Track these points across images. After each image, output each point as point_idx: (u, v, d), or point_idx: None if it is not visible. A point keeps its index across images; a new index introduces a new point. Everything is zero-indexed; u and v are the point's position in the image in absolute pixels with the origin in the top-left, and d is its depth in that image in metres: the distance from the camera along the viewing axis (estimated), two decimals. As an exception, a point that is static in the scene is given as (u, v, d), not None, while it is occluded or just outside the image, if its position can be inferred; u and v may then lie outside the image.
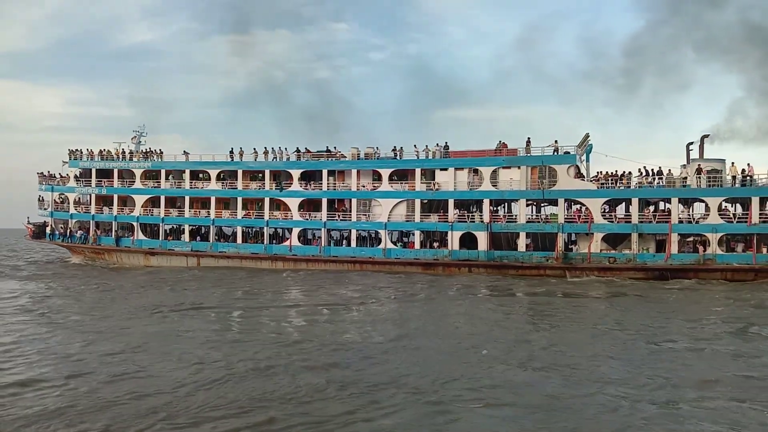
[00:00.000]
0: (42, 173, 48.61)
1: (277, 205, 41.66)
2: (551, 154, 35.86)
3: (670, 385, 11.86)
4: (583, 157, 37.27)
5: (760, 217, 32.27)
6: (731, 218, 33.04)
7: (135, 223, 44.27)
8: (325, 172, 40.41)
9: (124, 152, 45.89)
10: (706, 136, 35.67)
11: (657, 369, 13.09)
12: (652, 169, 34.65)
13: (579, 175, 35.77)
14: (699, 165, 33.79)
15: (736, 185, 33.15)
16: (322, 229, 39.91)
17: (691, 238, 33.57)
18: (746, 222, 32.43)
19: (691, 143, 35.88)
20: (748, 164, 33.31)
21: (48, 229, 47.01)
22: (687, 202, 34.13)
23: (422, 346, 15.43)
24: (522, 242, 35.79)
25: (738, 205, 33.86)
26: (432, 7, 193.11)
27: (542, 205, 37.12)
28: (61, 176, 47.45)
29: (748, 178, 32.97)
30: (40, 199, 48.27)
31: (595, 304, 24.83)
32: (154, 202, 44.33)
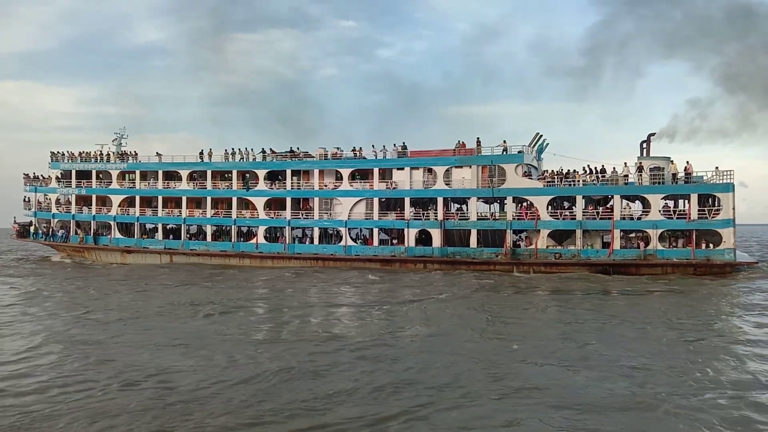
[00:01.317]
0: (27, 174, 50.61)
1: (246, 204, 43.20)
2: (500, 153, 36.96)
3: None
4: (534, 156, 38.27)
5: (698, 214, 33.26)
6: (671, 215, 34.00)
7: (112, 222, 46.10)
8: (289, 172, 41.86)
9: (101, 154, 47.63)
10: (652, 134, 36.56)
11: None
12: (596, 168, 35.67)
13: (527, 174, 36.81)
14: (641, 163, 34.74)
15: (677, 183, 34.06)
16: (287, 227, 41.41)
17: (633, 234, 34.57)
18: (685, 218, 33.40)
19: (644, 141, 36.84)
20: (687, 162, 34.24)
21: (32, 229, 49.04)
22: (629, 200, 35.10)
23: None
24: (473, 239, 37.01)
25: (681, 202, 34.75)
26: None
27: (493, 202, 38.20)
28: (43, 177, 49.38)
29: (687, 175, 33.88)
30: (26, 199, 50.28)
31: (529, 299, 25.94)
32: (130, 201, 46.09)
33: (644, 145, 36.94)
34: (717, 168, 36.41)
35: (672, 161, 34.39)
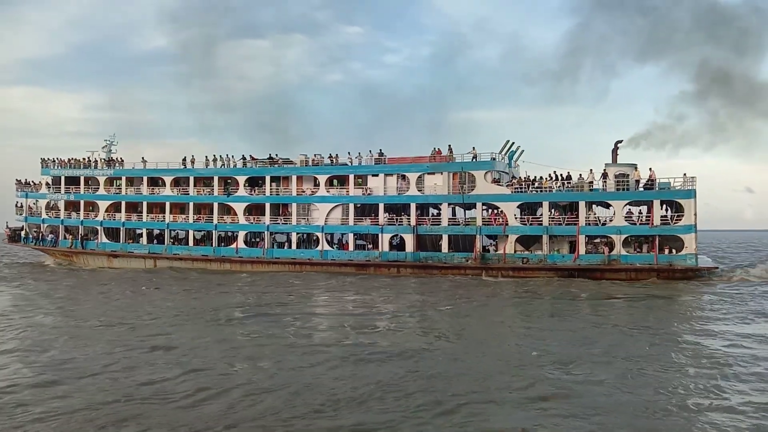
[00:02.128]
0: (19, 180, 51.92)
1: (228, 209, 44.22)
2: (471, 161, 37.79)
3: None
4: (505, 162, 39.05)
5: (661, 219, 33.92)
6: (635, 221, 34.67)
7: (99, 227, 47.27)
8: (268, 179, 42.86)
9: (89, 160, 48.87)
10: (620, 141, 37.29)
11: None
12: (562, 174, 36.38)
13: (496, 180, 37.58)
14: (605, 169, 35.45)
15: (640, 189, 34.73)
16: (265, 232, 42.38)
17: (598, 240, 35.25)
18: (648, 224, 34.07)
19: (617, 147, 37.46)
20: (650, 168, 34.93)
21: (23, 233, 50.31)
22: (602, 206, 35.77)
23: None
24: (445, 244, 37.82)
25: (644, 208, 35.41)
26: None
27: (464, 208, 38.97)
28: (34, 183, 50.67)
29: (650, 181, 34.55)
30: (18, 204, 51.55)
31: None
32: (116, 207, 47.23)
33: (616, 152, 37.67)
34: (685, 174, 37.16)
35: (636, 168, 35.07)
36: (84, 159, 49.32)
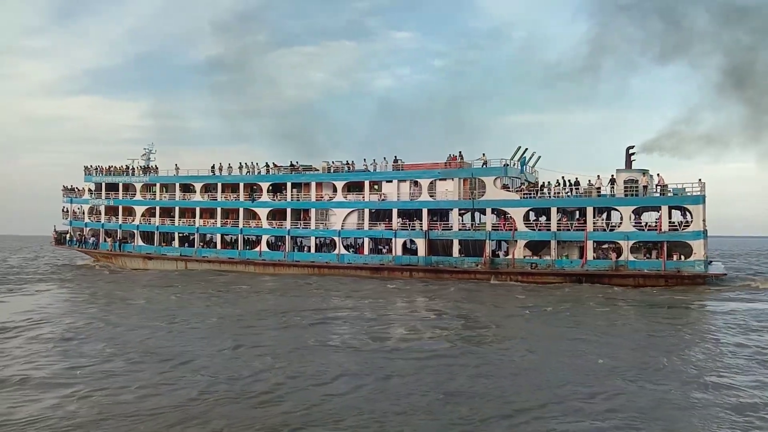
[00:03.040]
0: (65, 186, 55.52)
1: (253, 214, 46.22)
2: (480, 167, 38.43)
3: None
4: (517, 168, 39.44)
5: (669, 225, 33.74)
6: (643, 226, 34.57)
7: (136, 231, 50.15)
8: (289, 185, 44.61)
9: (127, 168, 51.90)
10: (631, 147, 37.10)
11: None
12: (569, 180, 36.58)
13: (506, 186, 38.09)
14: (613, 175, 35.46)
15: (650, 194, 34.57)
16: (287, 236, 44.14)
17: (606, 245, 35.29)
18: (657, 230, 33.93)
19: (631, 149, 37.27)
20: (658, 174, 34.73)
21: (68, 236, 53.83)
22: (602, 211, 35.83)
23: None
24: (455, 248, 38.58)
25: (651, 214, 35.22)
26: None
27: (473, 214, 39.59)
28: (78, 189, 54.13)
29: (658, 187, 34.38)
30: (64, 209, 55.17)
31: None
32: (151, 211, 50.03)
33: (632, 157, 37.53)
34: (700, 180, 36.78)
35: (644, 173, 34.94)
36: (122, 166, 52.40)
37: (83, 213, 53.41)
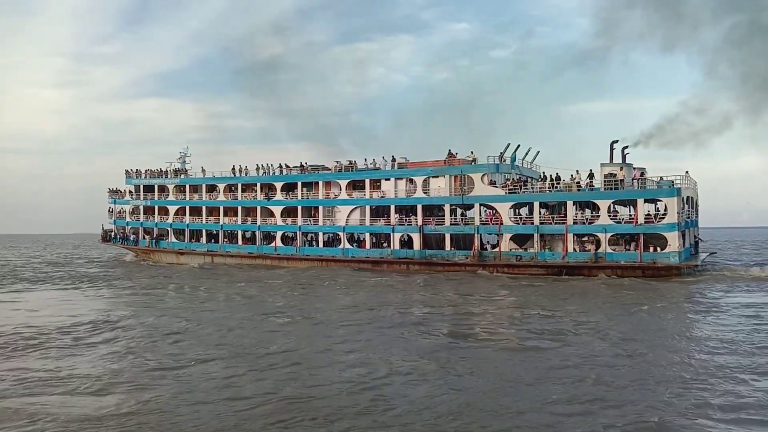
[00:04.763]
0: (110, 188, 61.07)
1: (270, 212, 49.78)
2: (469, 164, 40.28)
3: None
4: (508, 165, 40.97)
5: (645, 218, 34.66)
6: (619, 219, 35.58)
7: (169, 228, 54.85)
8: (299, 184, 47.85)
9: (161, 171, 56.69)
10: (615, 141, 37.96)
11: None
12: (551, 175, 37.89)
13: (492, 182, 39.77)
14: (591, 170, 36.63)
15: (626, 188, 35.51)
16: (298, 232, 47.43)
17: (585, 238, 36.50)
18: (633, 222, 34.90)
19: (625, 147, 38.19)
20: (634, 167, 35.54)
21: (112, 234, 59.35)
22: (582, 205, 36.99)
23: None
24: (447, 242, 40.66)
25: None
26: None
27: (463, 209, 41.46)
28: (120, 191, 59.49)
29: (634, 181, 35.27)
30: (109, 209, 60.74)
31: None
32: (183, 210, 54.56)
33: (626, 151, 38.45)
34: (687, 173, 37.53)
35: (621, 167, 35.89)
36: (158, 169, 57.24)
37: (125, 213, 58.71)
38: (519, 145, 41.86)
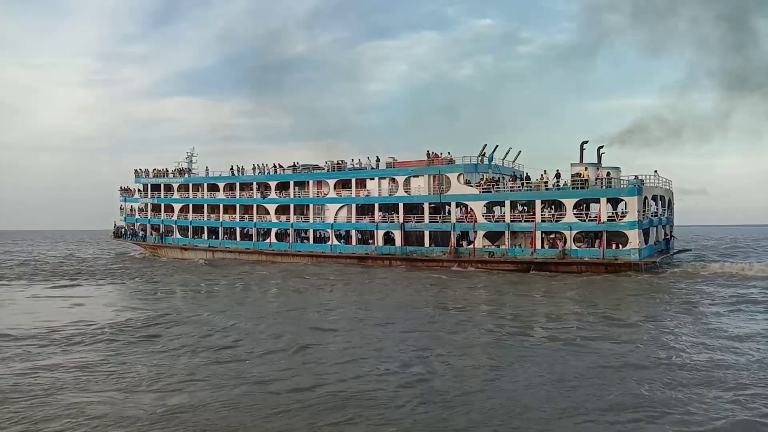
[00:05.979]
0: (121, 187, 64.38)
1: (265, 210, 52.32)
2: (446, 164, 42.12)
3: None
4: (486, 164, 42.67)
5: (608, 217, 36.12)
6: (584, 217, 37.08)
7: (174, 225, 57.87)
8: (291, 183, 50.26)
9: (166, 170, 59.69)
10: (585, 142, 39.37)
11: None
12: (521, 175, 39.50)
13: (468, 182, 41.54)
14: (558, 170, 38.15)
15: (592, 187, 36.97)
16: (290, 229, 49.88)
17: (553, 236, 38.07)
18: (596, 221, 36.39)
19: (600, 147, 39.59)
20: (598, 168, 36.96)
21: (123, 230, 62.70)
22: (551, 204, 38.53)
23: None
24: (427, 239, 42.62)
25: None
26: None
27: (440, 207, 43.29)
28: (130, 189, 62.76)
29: (598, 180, 36.70)
30: (121, 207, 64.06)
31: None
32: (186, 208, 57.49)
33: (601, 151, 39.86)
34: (656, 172, 38.88)
35: (586, 167, 37.34)
36: (164, 169, 60.27)
37: (135, 210, 61.97)
38: (497, 146, 43.60)
